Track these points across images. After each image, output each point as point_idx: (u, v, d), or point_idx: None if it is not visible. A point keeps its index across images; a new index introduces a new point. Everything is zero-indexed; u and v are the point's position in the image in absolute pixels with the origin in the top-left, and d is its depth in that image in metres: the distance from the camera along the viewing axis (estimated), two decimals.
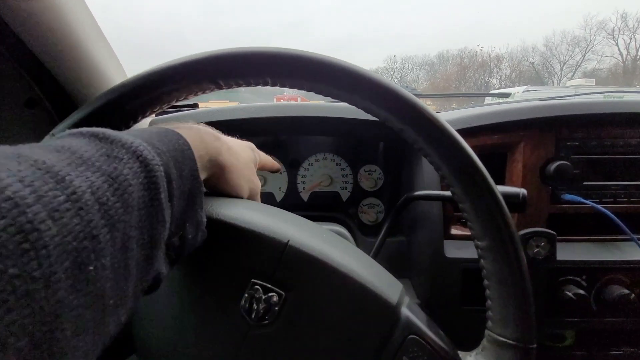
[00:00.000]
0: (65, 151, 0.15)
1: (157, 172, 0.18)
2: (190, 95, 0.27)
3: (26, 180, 0.12)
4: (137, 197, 0.17)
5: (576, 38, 22.56)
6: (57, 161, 0.14)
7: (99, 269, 0.14)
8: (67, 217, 0.13)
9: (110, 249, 0.15)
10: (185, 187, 0.22)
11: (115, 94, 0.25)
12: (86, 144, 0.17)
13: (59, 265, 0.12)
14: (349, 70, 0.24)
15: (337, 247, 0.29)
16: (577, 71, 21.66)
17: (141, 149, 0.18)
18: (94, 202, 0.14)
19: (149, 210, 0.18)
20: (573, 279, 0.48)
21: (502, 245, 0.24)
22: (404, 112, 0.24)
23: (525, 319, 0.24)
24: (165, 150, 0.20)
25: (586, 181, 0.51)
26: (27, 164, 0.13)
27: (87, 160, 0.15)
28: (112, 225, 0.15)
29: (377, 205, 0.65)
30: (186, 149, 0.22)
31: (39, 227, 0.12)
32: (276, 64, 0.24)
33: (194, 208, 0.23)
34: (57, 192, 0.13)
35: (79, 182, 0.14)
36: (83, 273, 0.13)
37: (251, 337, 0.25)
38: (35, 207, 0.12)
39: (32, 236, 0.12)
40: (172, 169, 0.20)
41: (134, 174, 0.17)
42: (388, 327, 0.27)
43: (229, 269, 0.26)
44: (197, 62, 0.24)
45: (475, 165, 0.24)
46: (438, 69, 26.24)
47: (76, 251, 0.13)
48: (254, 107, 0.55)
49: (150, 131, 0.21)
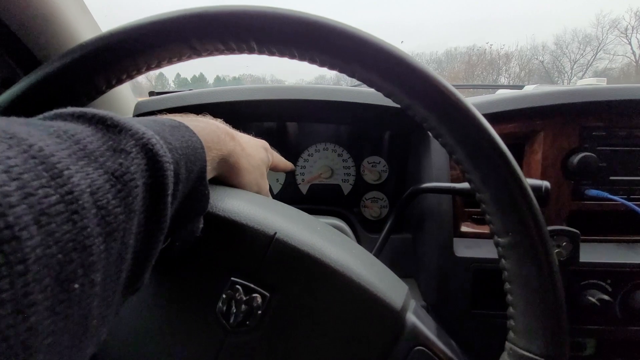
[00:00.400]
0: (68, 138, 0.13)
1: (167, 171, 0.16)
2: (163, 62, 0.23)
3: (14, 171, 0.10)
4: (140, 199, 0.15)
5: (588, 36, 22.21)
6: (56, 149, 0.12)
7: (85, 287, 0.12)
8: (57, 222, 0.11)
9: (103, 262, 0.13)
10: (187, 189, 0.20)
11: (69, 57, 0.21)
12: (92, 132, 0.14)
13: (37, 284, 0.10)
14: (348, 34, 0.20)
15: (333, 242, 0.25)
16: (588, 70, 21.34)
17: (153, 142, 0.16)
18: (91, 205, 0.12)
19: (151, 215, 0.16)
20: (597, 283, 0.43)
21: (530, 242, 0.20)
22: (413, 84, 0.20)
23: (556, 331, 0.20)
24: (177, 147, 0.18)
25: (613, 175, 0.47)
26: (19, 148, 0.11)
27: (90, 154, 0.13)
28: (108, 234, 0.13)
29: (381, 199, 0.62)
30: (199, 148, 0.20)
31: (20, 234, 0.10)
32: (261, 24, 0.20)
33: (192, 213, 0.21)
34: (50, 190, 0.11)
35: (78, 179, 0.12)
36: (65, 292, 0.11)
37: (229, 345, 0.22)
38: (19, 207, 0.10)
39: (8, 247, 0.10)
40: (182, 168, 0.18)
41: (141, 173, 0.15)
42: (391, 337, 0.23)
43: (205, 265, 0.23)
44: (167, 20, 0.20)
45: (498, 147, 0.20)
46: (446, 66, 26.06)
47: (61, 265, 0.11)
48: (248, 89, 0.51)
49: (163, 123, 0.19)
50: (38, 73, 0.21)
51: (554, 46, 23.12)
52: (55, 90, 0.21)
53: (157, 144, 0.16)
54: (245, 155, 0.29)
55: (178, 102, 0.50)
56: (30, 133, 0.12)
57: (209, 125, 0.25)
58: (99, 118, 0.15)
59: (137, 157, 0.15)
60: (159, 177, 0.16)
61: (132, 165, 0.14)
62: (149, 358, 0.22)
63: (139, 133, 0.15)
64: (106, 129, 0.15)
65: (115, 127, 0.15)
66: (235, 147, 0.27)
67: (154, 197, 0.16)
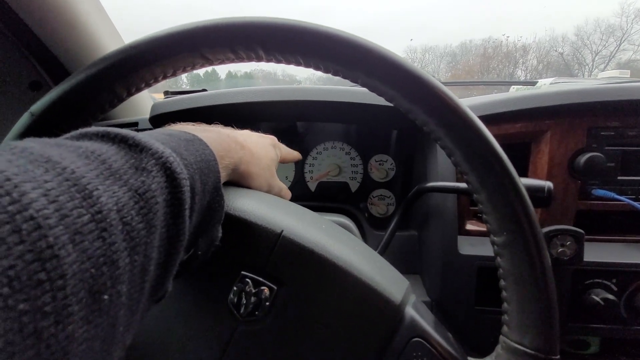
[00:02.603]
0: (95, 159, 0.14)
1: (184, 187, 0.17)
2: (178, 71, 0.25)
3: (52, 194, 0.12)
4: (161, 214, 0.16)
5: (611, 27, 21.21)
6: (85, 171, 0.13)
7: (113, 297, 0.13)
8: (89, 239, 0.12)
9: (128, 274, 0.14)
10: (205, 200, 0.21)
11: (93, 70, 0.23)
12: (115, 151, 0.16)
13: (74, 297, 0.11)
14: (351, 43, 0.21)
15: (336, 239, 0.27)
16: (611, 62, 20.41)
17: (171, 160, 0.17)
18: (118, 221, 0.13)
19: (170, 229, 0.17)
20: (602, 282, 0.44)
21: (523, 241, 0.21)
22: (413, 90, 0.21)
23: (547, 326, 0.21)
24: (192, 162, 0.19)
25: (621, 175, 0.46)
26: (54, 172, 0.12)
27: (115, 172, 0.15)
28: (132, 248, 0.14)
29: (388, 197, 0.63)
30: (211, 160, 0.21)
31: (59, 253, 0.11)
32: (267, 34, 0.21)
33: (211, 223, 0.22)
34: (82, 210, 0.12)
35: (106, 198, 0.13)
36: (97, 303, 0.12)
37: (240, 333, 0.24)
38: (57, 229, 0.11)
39: (50, 264, 0.11)
40: (197, 182, 0.19)
41: (161, 190, 0.16)
42: (390, 328, 0.24)
43: (217, 260, 0.24)
44: (181, 32, 0.22)
45: (494, 150, 0.21)
46: (460, 59, 25.40)
47: (93, 279, 0.12)
48: (259, 90, 0.52)
49: (178, 137, 0.20)
50: (65, 84, 0.23)
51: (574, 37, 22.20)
52: (80, 99, 0.23)
53: (174, 162, 0.17)
54: (254, 160, 0.29)
55: (192, 104, 0.52)
56: (62, 156, 0.13)
57: (220, 135, 0.26)
58: (121, 137, 0.16)
59: (157, 175, 0.16)
60: (177, 193, 0.17)
61: (153, 184, 0.15)
62: (166, 345, 0.25)
63: (158, 152, 0.16)
64: (128, 147, 0.16)
65: (137, 146, 0.16)
66: (245, 155, 0.28)
67: (173, 212, 0.17)
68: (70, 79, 0.23)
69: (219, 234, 0.23)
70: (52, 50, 0.44)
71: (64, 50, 0.45)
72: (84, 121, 0.24)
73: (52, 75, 0.48)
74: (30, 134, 0.23)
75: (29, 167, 0.12)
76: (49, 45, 0.44)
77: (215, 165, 0.22)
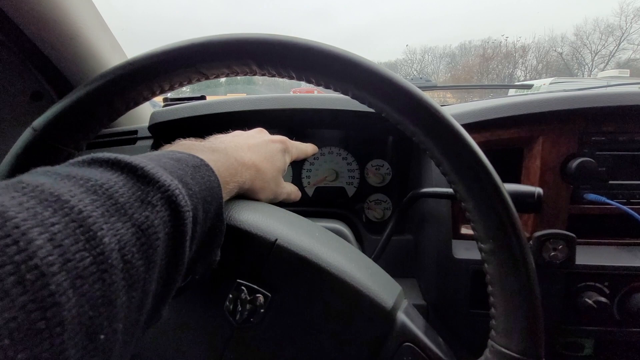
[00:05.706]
0: (103, 194, 0.15)
1: (187, 220, 0.17)
2: (175, 86, 0.26)
3: (57, 238, 0.12)
4: (162, 249, 0.16)
5: (610, 26, 21.20)
6: (92, 209, 0.14)
7: (109, 335, 0.13)
8: (90, 282, 0.12)
9: (125, 311, 0.14)
10: (206, 227, 0.21)
11: (93, 86, 0.24)
12: (123, 183, 0.16)
13: (71, 341, 0.11)
14: (341, 57, 0.22)
15: (329, 247, 0.27)
16: (611, 62, 20.40)
17: (176, 193, 0.17)
18: (119, 260, 0.14)
19: (170, 261, 0.17)
20: (594, 285, 0.44)
21: (508, 249, 0.22)
22: (401, 102, 0.22)
23: (532, 330, 0.22)
24: (197, 191, 0.20)
25: (612, 180, 0.47)
26: (62, 212, 0.13)
27: (121, 208, 0.15)
28: (130, 286, 0.14)
29: (385, 201, 0.63)
30: (216, 187, 0.22)
31: (59, 300, 0.11)
32: (260, 50, 0.22)
33: (210, 247, 0.22)
34: (85, 253, 0.12)
35: (109, 238, 0.13)
36: (93, 343, 0.12)
37: (235, 339, 0.24)
38: (60, 275, 0.11)
39: (50, 312, 0.11)
40: (200, 211, 0.19)
41: (164, 224, 0.16)
42: (381, 334, 0.25)
43: (213, 269, 0.25)
44: (177, 49, 0.23)
45: (479, 160, 0.22)
46: (459, 60, 25.41)
47: (91, 320, 0.12)
48: (257, 99, 0.53)
49: (186, 164, 0.21)
50: (66, 100, 0.24)
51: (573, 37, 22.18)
52: (80, 114, 0.24)
53: (179, 194, 0.17)
54: (259, 176, 0.30)
55: (191, 112, 0.53)
56: (72, 193, 0.13)
57: (228, 158, 0.26)
58: (130, 167, 0.17)
59: (162, 209, 0.16)
60: (180, 226, 0.17)
61: (157, 219, 0.16)
62: (163, 351, 0.25)
63: (165, 185, 0.17)
64: (136, 178, 0.16)
65: (145, 177, 0.16)
66: (249, 175, 0.28)
67: (175, 244, 0.17)
68: (70, 95, 0.24)
69: (217, 258, 0.23)
70: (54, 62, 0.45)
71: (66, 62, 0.46)
72: (84, 135, 0.25)
73: (54, 86, 0.49)
74: (33, 149, 0.24)
75: (38, 210, 0.12)
76: (50, 57, 0.45)
77: (219, 192, 0.22)
